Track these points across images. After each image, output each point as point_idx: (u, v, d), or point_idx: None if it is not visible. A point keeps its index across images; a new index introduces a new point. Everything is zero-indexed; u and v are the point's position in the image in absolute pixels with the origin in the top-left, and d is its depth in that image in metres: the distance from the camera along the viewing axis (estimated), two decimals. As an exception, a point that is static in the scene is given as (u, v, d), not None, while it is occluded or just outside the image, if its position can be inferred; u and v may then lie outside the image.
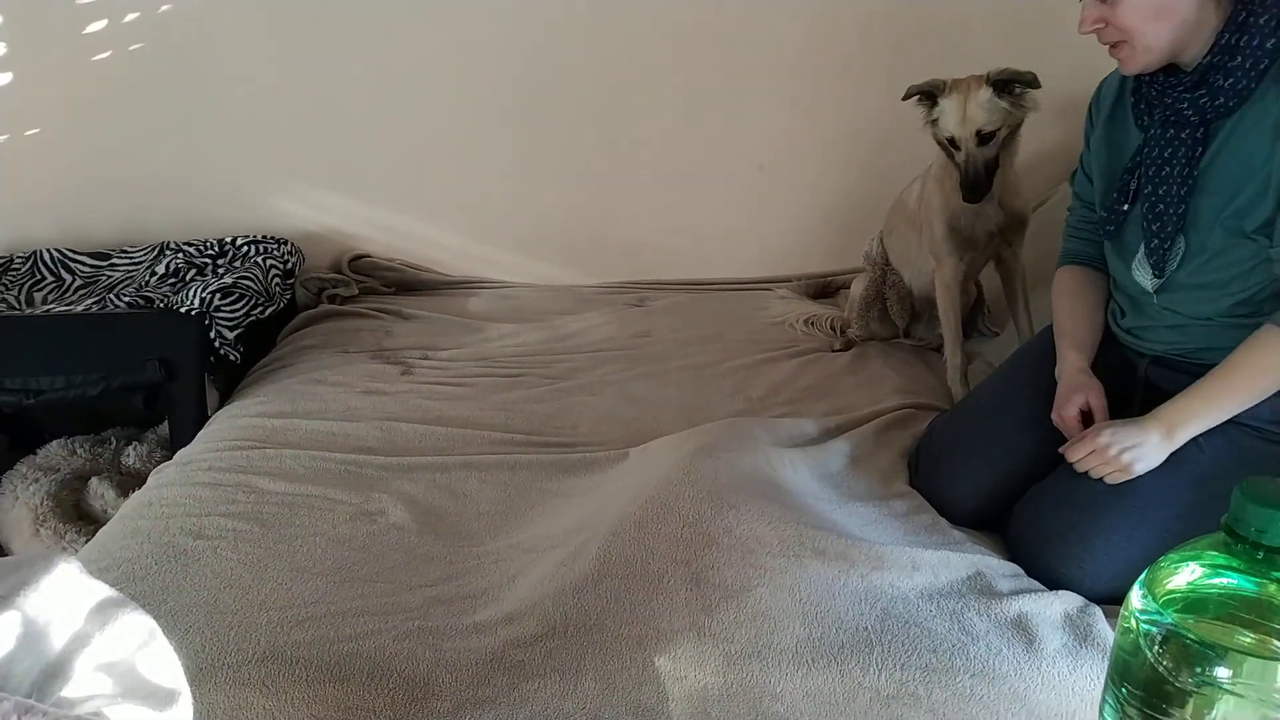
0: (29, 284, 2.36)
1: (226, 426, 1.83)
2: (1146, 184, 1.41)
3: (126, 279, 2.37)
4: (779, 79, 2.49)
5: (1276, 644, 0.80)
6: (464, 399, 1.95)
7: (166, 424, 2.10)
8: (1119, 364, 1.54)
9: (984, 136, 1.74)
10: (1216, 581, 0.83)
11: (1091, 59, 1.47)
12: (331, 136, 2.53)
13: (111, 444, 2.12)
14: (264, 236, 2.49)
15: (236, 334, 2.08)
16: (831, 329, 2.31)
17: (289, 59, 2.46)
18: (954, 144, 1.77)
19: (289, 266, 2.40)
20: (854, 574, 1.28)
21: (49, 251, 2.41)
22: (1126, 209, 1.46)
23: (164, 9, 2.38)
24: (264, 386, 2.02)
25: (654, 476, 1.49)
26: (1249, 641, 0.80)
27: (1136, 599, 0.85)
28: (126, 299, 2.23)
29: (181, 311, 2.04)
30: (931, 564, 1.32)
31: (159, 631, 0.76)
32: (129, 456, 2.07)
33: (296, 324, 2.37)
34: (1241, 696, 0.79)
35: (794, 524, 1.36)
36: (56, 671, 0.68)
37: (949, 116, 1.75)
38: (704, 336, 2.28)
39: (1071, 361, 1.52)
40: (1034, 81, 1.72)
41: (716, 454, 1.52)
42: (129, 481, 1.95)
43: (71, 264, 2.41)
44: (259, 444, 1.73)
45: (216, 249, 2.46)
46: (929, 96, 1.78)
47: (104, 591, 0.75)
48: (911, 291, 2.15)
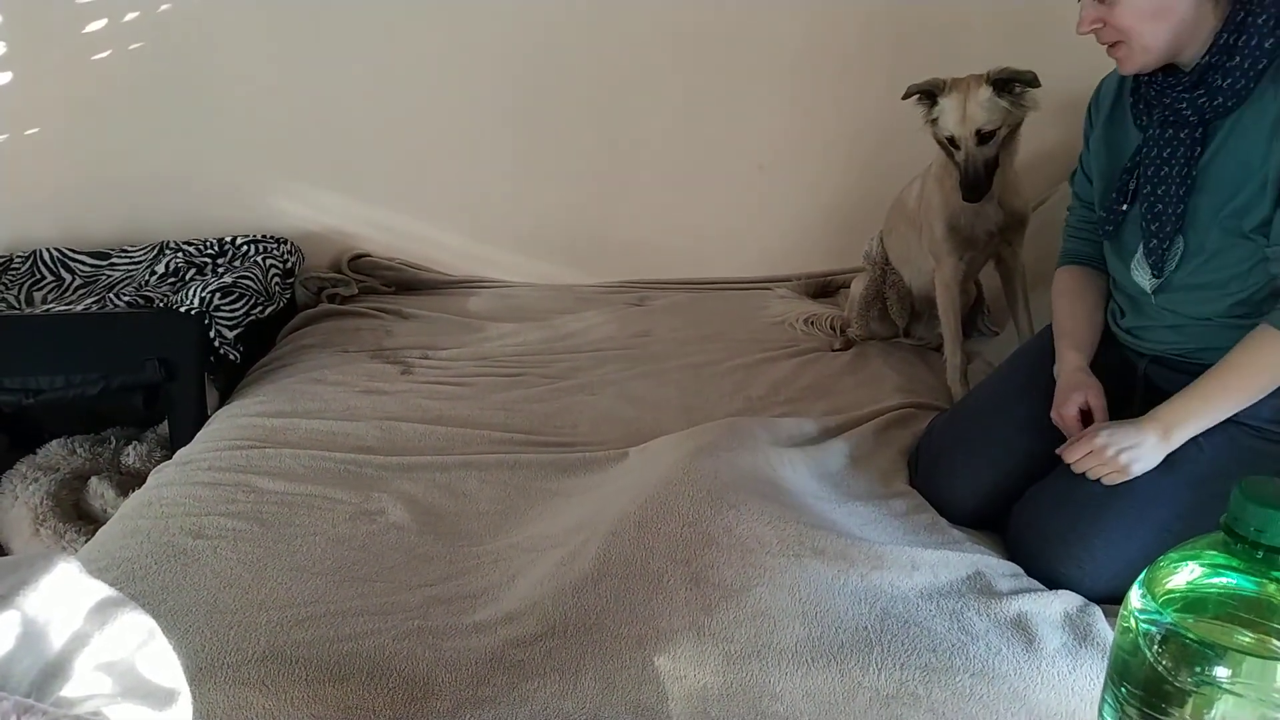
0: (29, 283, 2.36)
1: (226, 426, 1.83)
2: (1145, 184, 1.41)
3: (126, 278, 2.37)
4: (779, 79, 2.49)
5: (1276, 643, 0.80)
6: (464, 398, 1.95)
7: (166, 423, 2.10)
8: (1119, 364, 1.54)
9: (984, 136, 1.74)
10: (1216, 581, 0.83)
11: (1091, 59, 1.47)
12: (331, 136, 2.53)
13: (111, 443, 2.12)
14: (264, 236, 2.49)
15: (236, 333, 2.08)
16: (831, 328, 2.31)
17: (289, 59, 2.46)
18: (954, 143, 1.77)
19: (289, 266, 2.40)
20: (854, 573, 1.28)
21: (49, 251, 2.41)
22: (1125, 209, 1.46)
23: (164, 9, 2.38)
24: (264, 386, 2.02)
25: (654, 476, 1.49)
26: (1248, 641, 0.80)
27: (1136, 598, 0.85)
28: (126, 298, 2.23)
29: (181, 311, 2.04)
30: (931, 563, 1.32)
31: (158, 631, 0.76)
32: (129, 456, 2.07)
33: (296, 323, 2.37)
34: (1241, 696, 0.79)
35: (794, 523, 1.36)
36: (56, 671, 0.68)
37: (949, 116, 1.75)
38: (704, 336, 2.28)
39: (1070, 360, 1.52)
40: (1034, 81, 1.72)
41: (716, 453, 1.52)
42: (129, 481, 1.95)
43: (71, 263, 2.41)
44: (259, 443, 1.73)
45: (216, 248, 2.46)
46: (929, 96, 1.78)
47: (103, 591, 0.75)
48: (911, 291, 2.15)
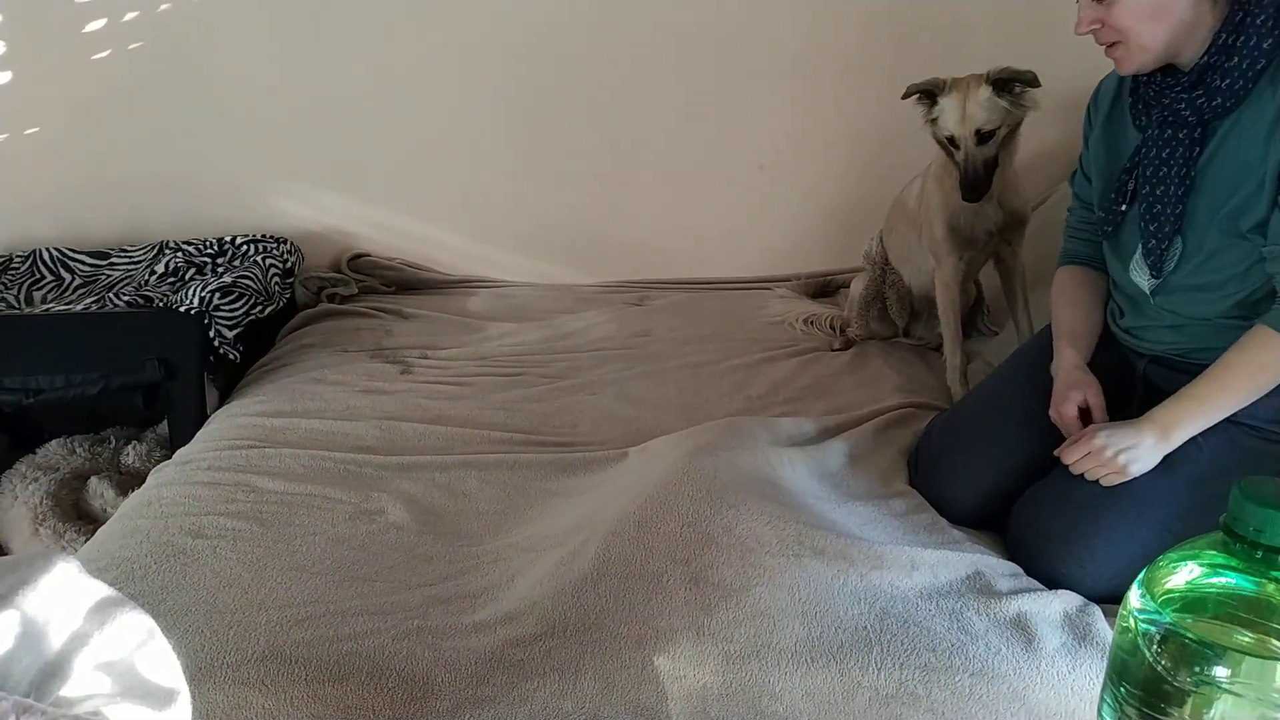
0: (28, 283, 2.36)
1: (226, 425, 1.83)
2: (1144, 184, 1.41)
3: (126, 278, 2.37)
4: (779, 79, 2.49)
5: (1275, 643, 0.80)
6: (463, 398, 1.95)
7: (166, 423, 2.10)
8: (1118, 363, 1.54)
9: (983, 135, 1.74)
10: (1215, 581, 0.83)
11: (1091, 59, 1.46)
12: (332, 136, 2.53)
13: (111, 443, 2.12)
14: (263, 236, 2.49)
15: (236, 333, 2.08)
16: (831, 328, 2.31)
17: (289, 59, 2.46)
18: (953, 143, 1.77)
19: (288, 266, 2.40)
20: (853, 573, 1.28)
21: (48, 250, 2.41)
22: (1124, 209, 1.46)
23: (164, 8, 2.38)
24: (263, 385, 2.02)
25: (653, 476, 1.49)
26: (1247, 641, 0.80)
27: (1135, 598, 0.85)
28: (126, 298, 2.23)
29: (181, 310, 2.04)
30: (931, 563, 1.32)
31: (158, 631, 0.76)
32: (128, 456, 2.07)
33: (296, 323, 2.37)
34: (1240, 696, 0.79)
35: (793, 523, 1.36)
36: (55, 671, 0.68)
37: (948, 115, 1.75)
38: (704, 336, 2.28)
39: (1068, 359, 1.52)
40: (1034, 80, 1.72)
41: (716, 453, 1.52)
42: (128, 481, 1.95)
43: (71, 263, 2.41)
44: (258, 443, 1.73)
45: (216, 248, 2.46)
46: (929, 95, 1.78)
47: (103, 591, 0.75)
48: (911, 291, 2.15)
